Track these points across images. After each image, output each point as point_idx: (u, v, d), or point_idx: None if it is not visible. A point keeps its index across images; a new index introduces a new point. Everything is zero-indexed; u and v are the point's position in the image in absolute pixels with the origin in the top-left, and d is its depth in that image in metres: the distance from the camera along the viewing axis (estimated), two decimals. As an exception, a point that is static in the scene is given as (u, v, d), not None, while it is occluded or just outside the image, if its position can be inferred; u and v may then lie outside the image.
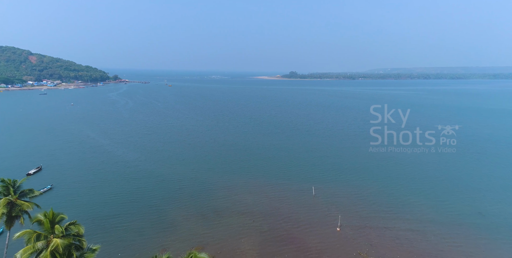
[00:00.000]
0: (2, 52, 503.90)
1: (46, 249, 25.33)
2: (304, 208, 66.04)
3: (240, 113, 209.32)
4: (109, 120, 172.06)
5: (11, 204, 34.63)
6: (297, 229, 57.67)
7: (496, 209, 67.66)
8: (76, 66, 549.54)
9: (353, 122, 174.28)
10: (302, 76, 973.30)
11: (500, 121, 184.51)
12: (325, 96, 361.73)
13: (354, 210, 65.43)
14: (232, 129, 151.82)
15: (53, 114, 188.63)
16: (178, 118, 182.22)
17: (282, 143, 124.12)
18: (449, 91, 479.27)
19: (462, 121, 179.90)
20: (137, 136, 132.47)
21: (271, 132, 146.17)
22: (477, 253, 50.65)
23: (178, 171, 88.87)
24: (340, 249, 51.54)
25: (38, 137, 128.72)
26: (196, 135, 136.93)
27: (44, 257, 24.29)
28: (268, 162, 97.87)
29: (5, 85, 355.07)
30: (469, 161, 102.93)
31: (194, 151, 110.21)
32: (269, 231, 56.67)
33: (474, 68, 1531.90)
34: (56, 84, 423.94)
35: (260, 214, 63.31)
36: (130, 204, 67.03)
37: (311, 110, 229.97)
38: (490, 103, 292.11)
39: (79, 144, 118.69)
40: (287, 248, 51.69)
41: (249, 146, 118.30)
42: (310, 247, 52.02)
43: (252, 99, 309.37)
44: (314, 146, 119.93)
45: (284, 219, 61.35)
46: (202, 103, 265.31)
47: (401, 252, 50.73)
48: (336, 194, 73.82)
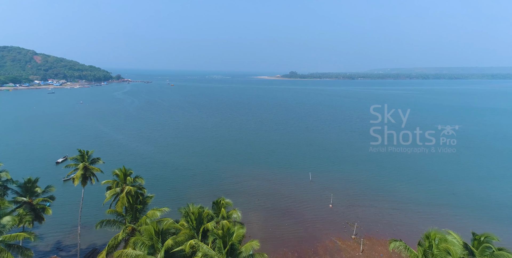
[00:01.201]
0: (8, 52, 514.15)
1: (122, 192, 35.90)
2: (302, 190, 76.34)
3: (243, 111, 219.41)
4: (119, 117, 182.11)
5: (85, 168, 45.75)
6: (295, 205, 68.00)
7: (466, 190, 78.00)
8: (80, 66, 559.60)
9: (350, 120, 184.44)
10: (302, 76, 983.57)
11: (492, 119, 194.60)
12: (324, 95, 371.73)
13: (346, 192, 75.69)
14: (235, 126, 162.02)
15: (65, 112, 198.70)
16: (184, 116, 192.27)
17: (283, 138, 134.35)
18: (445, 91, 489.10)
19: (462, 121, 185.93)
20: (148, 131, 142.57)
21: (272, 128, 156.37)
22: (446, 223, 60.88)
23: (189, 161, 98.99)
24: (331, 220, 61.84)
25: (57, 131, 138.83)
26: (202, 131, 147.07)
27: (121, 197, 34.56)
28: (270, 154, 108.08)
29: (13, 84, 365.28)
30: (465, 157, 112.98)
31: (202, 145, 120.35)
32: (272, 208, 66.91)
33: (473, 68, 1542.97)
34: (62, 84, 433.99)
35: (264, 194, 73.55)
36: (151, 187, 77.17)
37: (311, 109, 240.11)
38: (484, 103, 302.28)
39: (95, 138, 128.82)
40: (287, 220, 61.89)
41: (252, 141, 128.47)
42: (306, 219, 62.29)
43: (253, 98, 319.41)
44: (313, 140, 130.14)
45: (284, 198, 71.62)
46: (205, 102, 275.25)
47: (382, 222, 61.11)
48: (330, 179, 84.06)
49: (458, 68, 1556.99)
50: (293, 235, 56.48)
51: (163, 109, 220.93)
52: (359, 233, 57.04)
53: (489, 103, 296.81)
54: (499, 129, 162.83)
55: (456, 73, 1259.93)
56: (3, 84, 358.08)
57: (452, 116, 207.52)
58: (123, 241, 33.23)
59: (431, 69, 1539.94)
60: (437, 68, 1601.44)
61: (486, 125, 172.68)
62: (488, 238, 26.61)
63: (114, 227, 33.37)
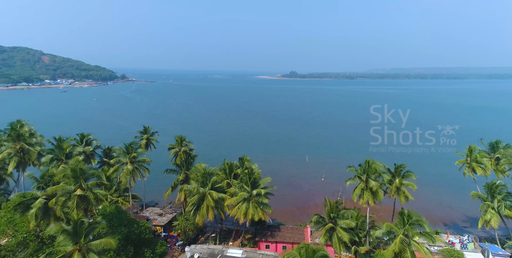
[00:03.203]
0: (17, 52, 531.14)
1: (180, 151, 53.52)
2: (299, 168, 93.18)
3: (246, 109, 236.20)
4: (134, 113, 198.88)
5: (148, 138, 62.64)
6: (294, 178, 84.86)
7: (443, 172, 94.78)
8: (86, 66, 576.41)
9: (347, 117, 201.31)
10: (302, 76, 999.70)
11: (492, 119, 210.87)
12: (323, 94, 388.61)
13: (336, 170, 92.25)
14: (240, 121, 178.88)
15: (84, 108, 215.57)
16: (191, 113, 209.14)
17: (284, 131, 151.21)
18: (443, 90, 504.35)
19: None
20: (162, 125, 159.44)
21: (274, 123, 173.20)
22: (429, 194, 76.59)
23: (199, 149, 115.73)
24: (323, 189, 78.65)
25: (82, 125, 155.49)
26: (210, 125, 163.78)
27: (179, 154, 52.16)
28: (273, 144, 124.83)
29: (26, 83, 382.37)
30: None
31: (210, 137, 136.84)
32: (276, 181, 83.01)
33: (471, 68, 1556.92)
34: (71, 83, 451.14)
35: (267, 172, 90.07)
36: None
37: (310, 106, 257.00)
38: (483, 102, 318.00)
39: (117, 130, 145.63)
40: (288, 190, 78.60)
41: (256, 133, 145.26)
42: (303, 189, 79.15)
43: (255, 97, 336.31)
44: (311, 133, 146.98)
45: (284, 174, 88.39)
46: (210, 101, 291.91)
47: (362, 190, 77.92)
48: (324, 161, 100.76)
49: (456, 68, 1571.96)
50: (293, 199, 73.24)
51: (172, 107, 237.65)
52: (343, 197, 73.76)
53: (486, 102, 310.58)
54: (499, 127, 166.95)
55: (455, 73, 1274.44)
56: (17, 83, 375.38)
57: (452, 116, 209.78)
58: (180, 183, 50.12)
59: (430, 69, 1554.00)
60: (436, 68, 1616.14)
61: (486, 125, 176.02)
62: (403, 166, 44.35)
63: (175, 173, 50.18)
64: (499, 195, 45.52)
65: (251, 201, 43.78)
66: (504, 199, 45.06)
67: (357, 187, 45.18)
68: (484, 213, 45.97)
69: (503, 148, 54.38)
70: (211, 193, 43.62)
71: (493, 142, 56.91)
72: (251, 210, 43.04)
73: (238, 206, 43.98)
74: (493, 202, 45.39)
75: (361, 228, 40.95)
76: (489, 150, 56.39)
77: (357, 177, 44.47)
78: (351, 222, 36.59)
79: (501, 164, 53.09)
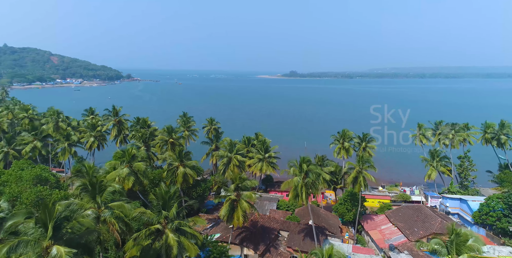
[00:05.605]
0: (27, 53, 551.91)
1: (211, 128, 73.37)
2: (298, 152, 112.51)
3: (250, 106, 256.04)
4: (147, 111, 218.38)
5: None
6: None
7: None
8: (93, 66, 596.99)
9: (345, 114, 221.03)
10: (302, 75, 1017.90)
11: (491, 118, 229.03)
12: (323, 93, 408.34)
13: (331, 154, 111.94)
14: (245, 116, 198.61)
15: (101, 106, 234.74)
16: (198, 109, 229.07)
17: (285, 126, 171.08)
18: (442, 89, 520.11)
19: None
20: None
21: (276, 119, 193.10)
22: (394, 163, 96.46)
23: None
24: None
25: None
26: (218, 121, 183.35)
27: (211, 131, 71.72)
28: (275, 136, 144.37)
29: (40, 82, 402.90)
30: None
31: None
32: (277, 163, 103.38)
33: (470, 67, 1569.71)
34: (81, 82, 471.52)
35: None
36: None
37: (310, 105, 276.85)
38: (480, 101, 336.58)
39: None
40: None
41: (259, 128, 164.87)
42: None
43: (257, 96, 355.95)
44: (310, 128, 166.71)
45: (285, 157, 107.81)
46: (215, 99, 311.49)
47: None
48: (320, 148, 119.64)
49: (455, 68, 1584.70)
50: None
51: (180, 105, 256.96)
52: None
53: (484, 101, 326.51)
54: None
55: (453, 72, 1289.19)
56: (31, 82, 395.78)
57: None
58: (211, 151, 70.01)
59: (429, 69, 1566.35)
60: (435, 67, 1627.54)
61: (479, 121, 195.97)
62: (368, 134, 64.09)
63: (208, 144, 69.99)
64: (438, 157, 65.14)
65: (264, 161, 63.49)
66: (441, 160, 64.75)
67: (336, 146, 65.14)
68: (428, 170, 65.68)
69: (444, 126, 73.81)
70: (236, 157, 63.09)
71: (437, 121, 78.03)
72: (265, 166, 62.82)
73: (255, 164, 63.67)
74: (433, 162, 65.01)
75: (338, 174, 60.96)
76: (435, 127, 75.79)
77: (336, 140, 64.21)
78: (331, 168, 56.36)
79: (442, 138, 73.35)
